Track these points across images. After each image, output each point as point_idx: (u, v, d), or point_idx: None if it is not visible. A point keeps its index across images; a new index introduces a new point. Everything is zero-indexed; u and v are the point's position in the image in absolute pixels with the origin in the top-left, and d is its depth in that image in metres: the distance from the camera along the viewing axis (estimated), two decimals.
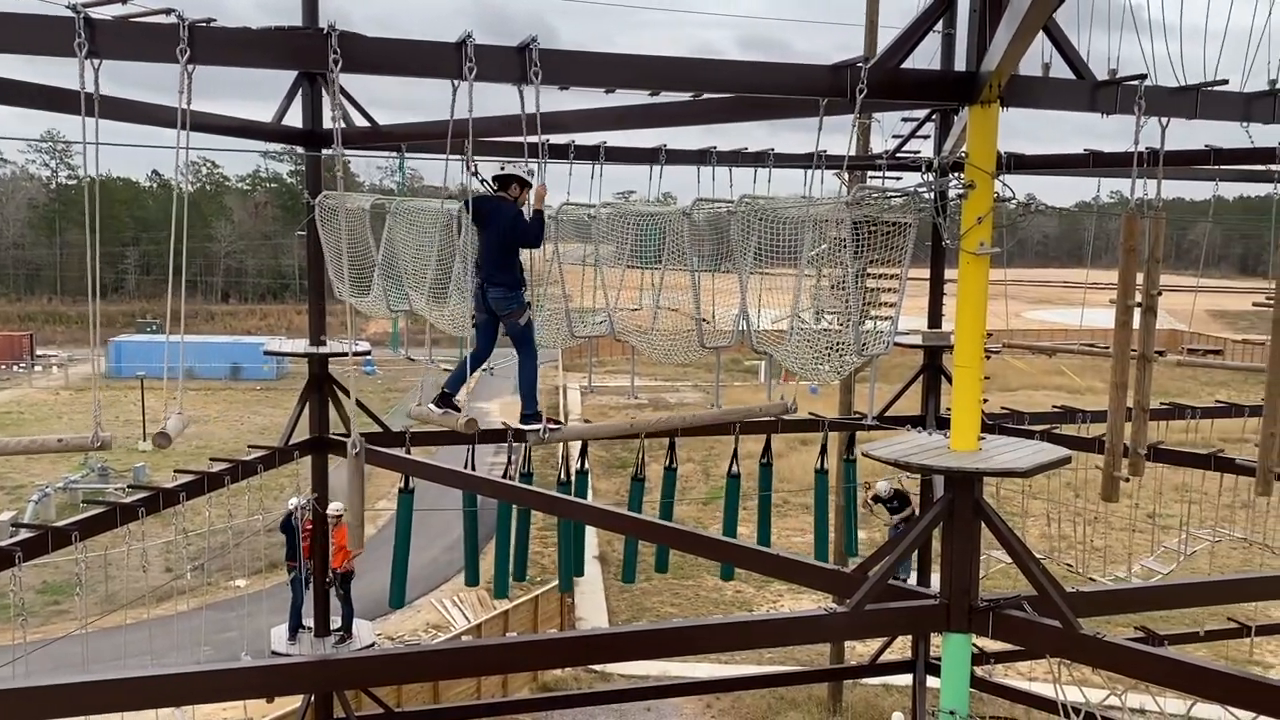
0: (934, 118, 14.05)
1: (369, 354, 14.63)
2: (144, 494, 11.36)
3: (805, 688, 22.31)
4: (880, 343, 8.20)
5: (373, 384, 63.28)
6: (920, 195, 7.62)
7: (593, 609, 29.31)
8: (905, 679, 16.65)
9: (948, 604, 7.34)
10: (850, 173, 14.73)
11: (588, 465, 13.94)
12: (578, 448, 13.54)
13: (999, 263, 7.86)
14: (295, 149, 16.30)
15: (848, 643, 21.89)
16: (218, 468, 12.11)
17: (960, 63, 12.25)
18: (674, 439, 13.71)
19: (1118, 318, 7.20)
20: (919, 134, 14.58)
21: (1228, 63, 8.01)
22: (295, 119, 12.59)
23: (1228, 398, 16.32)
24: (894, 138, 14.74)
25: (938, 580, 7.59)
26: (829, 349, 8.34)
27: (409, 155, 13.34)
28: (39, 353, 79.41)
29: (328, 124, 12.41)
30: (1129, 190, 7.26)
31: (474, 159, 9.03)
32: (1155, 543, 18.85)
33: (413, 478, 12.85)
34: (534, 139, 6.92)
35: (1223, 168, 12.70)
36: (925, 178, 7.59)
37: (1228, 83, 7.88)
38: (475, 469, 12.73)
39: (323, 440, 13.58)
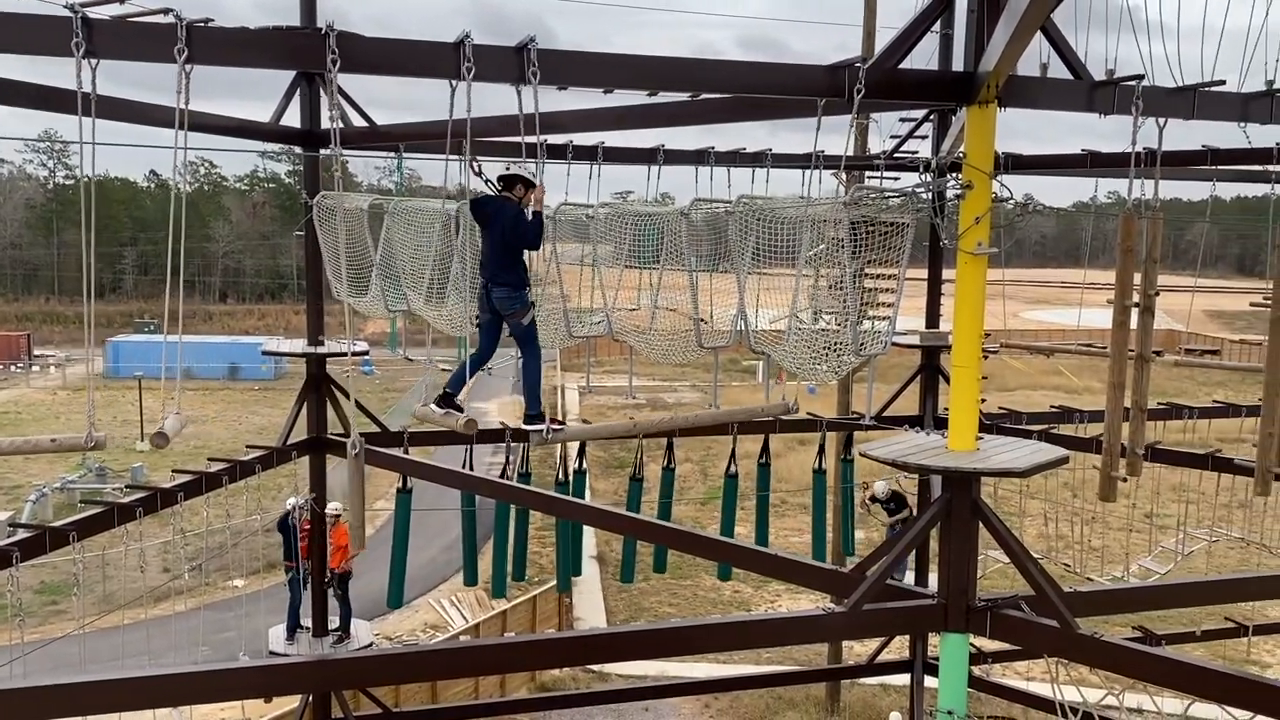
0: (932, 118, 14.06)
1: (367, 354, 14.61)
2: (142, 494, 11.34)
3: (803, 688, 22.31)
4: (878, 343, 8.20)
5: (370, 384, 63.30)
6: (918, 195, 7.62)
7: (591, 609, 29.31)
8: (903, 679, 16.67)
9: (945, 604, 7.35)
10: (848, 173, 14.77)
11: (586, 465, 13.94)
12: (576, 448, 13.55)
13: (997, 263, 7.86)
14: (293, 149, 16.29)
15: (845, 643, 21.90)
16: (216, 468, 12.11)
17: (958, 63, 12.33)
18: (672, 439, 13.72)
19: (1115, 318, 7.20)
20: (917, 134, 14.60)
21: (1225, 63, 8.03)
22: (293, 119, 12.61)
23: (1225, 398, 16.34)
24: (892, 138, 14.76)
25: (935, 580, 7.58)
26: (827, 349, 8.34)
27: (407, 155, 13.35)
28: (36, 353, 79.32)
29: (326, 124, 12.40)
30: (1126, 190, 7.25)
31: (478, 159, 9.04)
32: (1153, 542, 18.86)
33: (411, 478, 12.85)
34: (532, 139, 6.91)
35: (1220, 168, 12.70)
36: (923, 178, 7.62)
37: (1225, 83, 7.89)
38: (473, 469, 12.74)
39: (321, 440, 13.59)
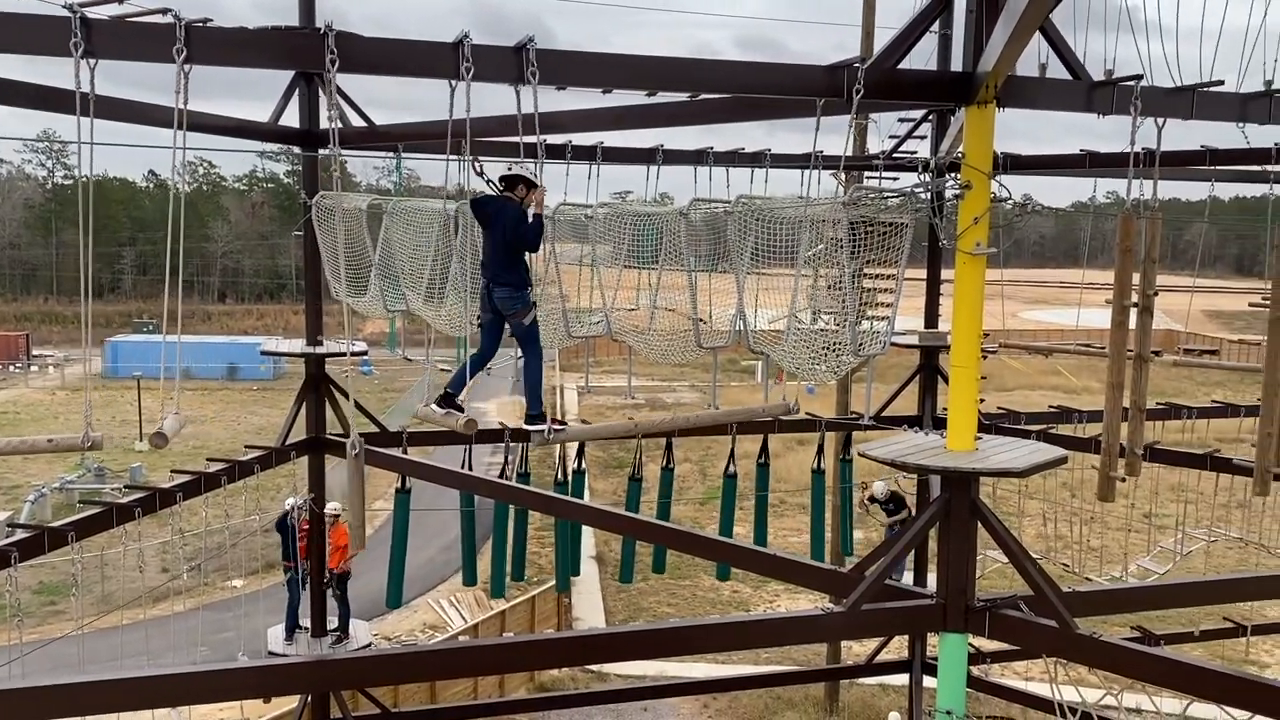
0: (931, 118, 14.07)
1: (366, 354, 14.61)
2: (140, 494, 11.33)
3: (802, 688, 22.31)
4: (877, 343, 8.20)
5: (369, 384, 63.28)
6: (917, 195, 7.63)
7: (590, 609, 29.30)
8: (902, 679, 16.69)
9: (944, 604, 7.35)
10: (847, 173, 14.76)
11: (585, 465, 13.94)
12: (574, 448, 13.54)
13: (995, 263, 7.86)
14: (292, 149, 16.30)
15: (844, 643, 21.90)
16: (214, 468, 12.10)
17: (957, 63, 12.35)
18: (671, 439, 13.71)
19: (1114, 318, 7.20)
20: (916, 134, 14.60)
21: (1224, 63, 8.04)
22: (292, 119, 12.60)
23: (1224, 398, 16.34)
24: (891, 138, 14.76)
25: (934, 580, 7.58)
26: (826, 349, 8.35)
27: (406, 155, 13.35)
28: (35, 353, 79.25)
29: (324, 124, 12.39)
30: (1125, 190, 7.26)
31: (480, 159, 9.03)
32: (1151, 542, 18.90)
33: (409, 478, 12.85)
34: (531, 139, 6.91)
35: (1219, 168, 12.71)
36: (922, 178, 7.63)
37: (1224, 83, 7.90)
38: (472, 469, 12.74)
39: (319, 440, 13.59)
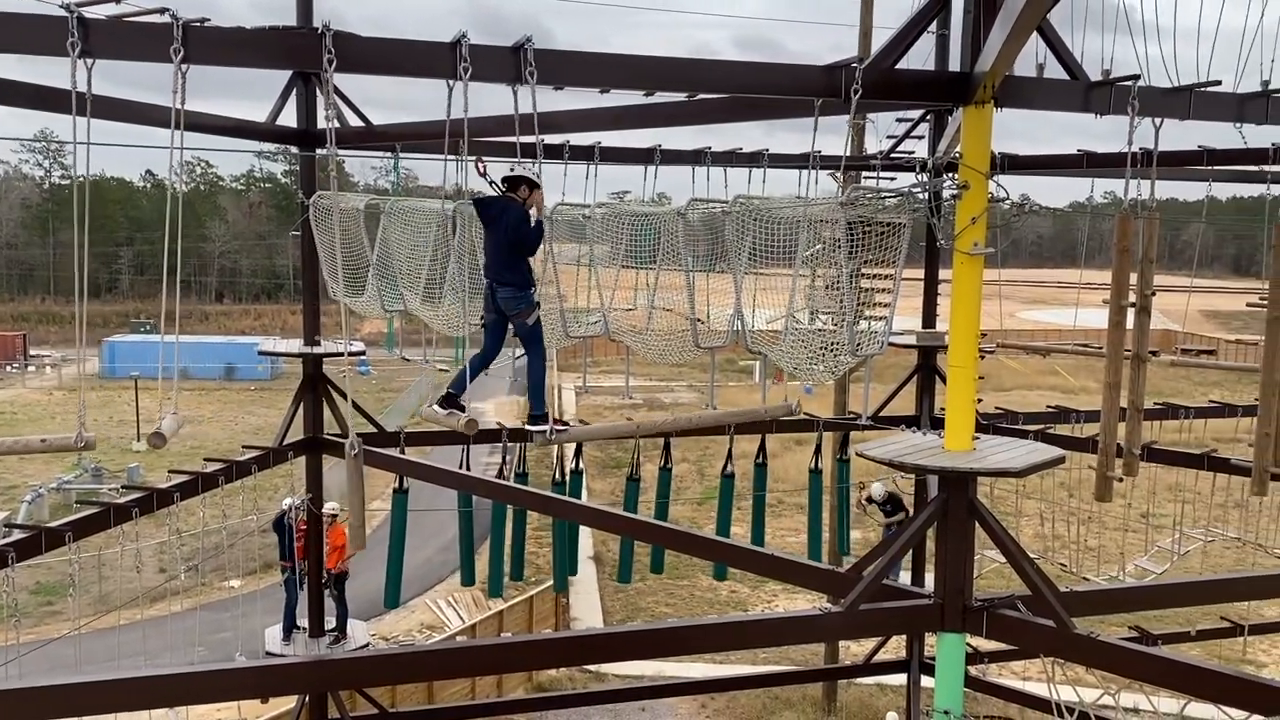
0: (929, 118, 14.07)
1: (364, 354, 14.60)
2: (138, 494, 11.31)
3: (800, 688, 22.33)
4: (875, 343, 8.20)
5: (367, 384, 63.26)
6: (915, 195, 7.63)
7: (588, 609, 29.30)
8: (900, 679, 16.69)
9: (942, 603, 7.35)
10: (845, 173, 14.76)
11: (583, 465, 13.93)
12: (573, 448, 13.54)
13: (993, 263, 7.86)
14: (290, 149, 16.29)
15: (842, 643, 21.91)
16: (212, 468, 12.08)
17: (955, 63, 12.35)
18: (669, 439, 13.71)
19: (1111, 318, 7.21)
20: (913, 134, 14.60)
21: (1221, 63, 8.05)
22: (290, 119, 12.59)
23: (1221, 398, 16.33)
24: (889, 138, 14.77)
25: (932, 580, 7.59)
26: (824, 349, 8.35)
27: (404, 155, 13.33)
28: (33, 353, 79.18)
29: (322, 124, 12.38)
30: (1123, 191, 7.27)
31: (483, 159, 9.02)
32: (1149, 542, 18.91)
33: (407, 478, 12.84)
34: (529, 139, 6.91)
35: (1216, 168, 12.71)
36: (920, 178, 7.62)
37: (1221, 83, 7.91)
38: (470, 469, 12.73)
39: (317, 440, 13.57)
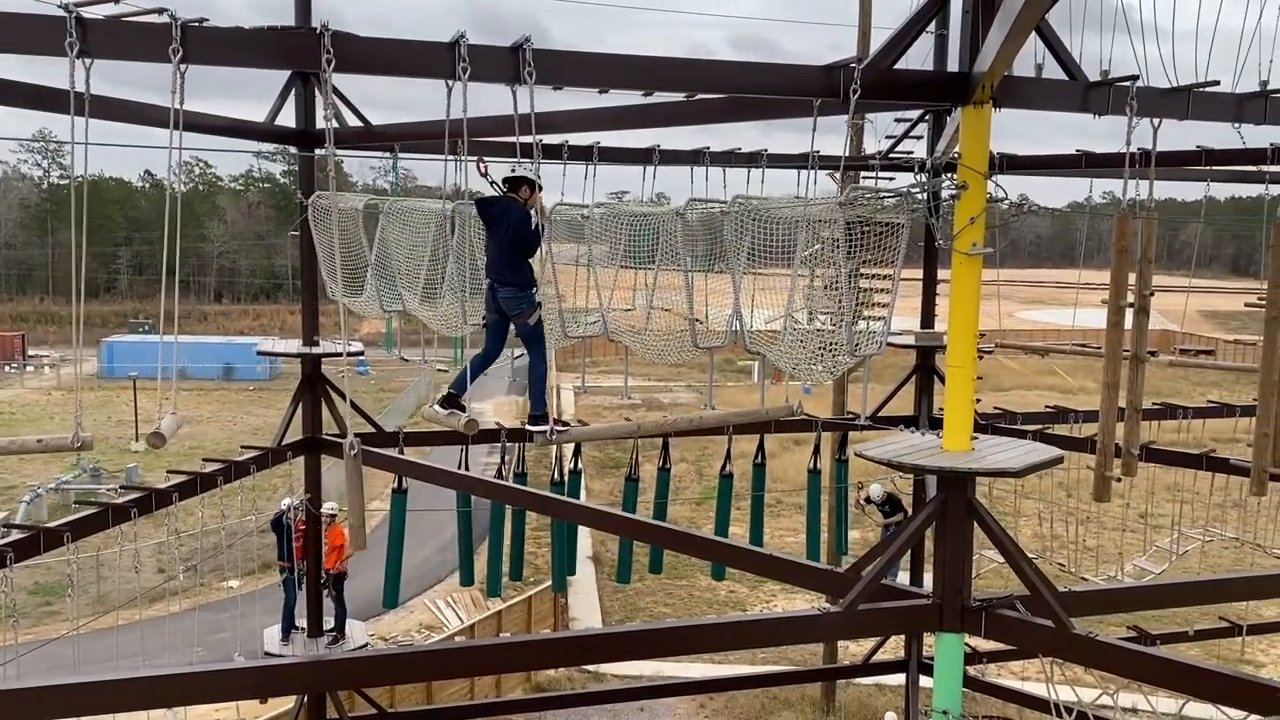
0: (927, 118, 14.09)
1: (362, 354, 14.58)
2: (136, 494, 11.31)
3: (798, 688, 22.31)
4: (873, 343, 8.20)
5: (366, 384, 63.23)
6: (913, 196, 7.63)
7: (586, 609, 29.29)
8: (898, 679, 16.70)
9: (940, 604, 7.35)
10: (844, 173, 14.76)
11: (581, 465, 13.93)
12: (571, 448, 13.54)
13: (991, 263, 7.88)
14: (288, 149, 16.29)
15: (841, 643, 21.91)
16: (210, 468, 12.09)
17: (953, 63, 12.36)
18: (667, 439, 13.71)
19: (1110, 318, 7.22)
20: (912, 134, 14.62)
21: (1219, 64, 8.05)
22: (288, 119, 12.59)
23: (1219, 398, 16.35)
24: (887, 138, 14.79)
25: (930, 580, 7.59)
26: (822, 349, 8.35)
27: (402, 155, 13.33)
28: (31, 353, 79.13)
29: (321, 124, 12.39)
30: (1121, 191, 7.28)
31: (485, 159, 9.02)
32: (1147, 542, 18.93)
33: (406, 478, 12.84)
34: (528, 139, 6.91)
35: (1214, 168, 12.72)
36: (918, 178, 7.62)
37: (1219, 84, 7.91)
38: (469, 469, 12.73)
39: (316, 440, 13.57)
